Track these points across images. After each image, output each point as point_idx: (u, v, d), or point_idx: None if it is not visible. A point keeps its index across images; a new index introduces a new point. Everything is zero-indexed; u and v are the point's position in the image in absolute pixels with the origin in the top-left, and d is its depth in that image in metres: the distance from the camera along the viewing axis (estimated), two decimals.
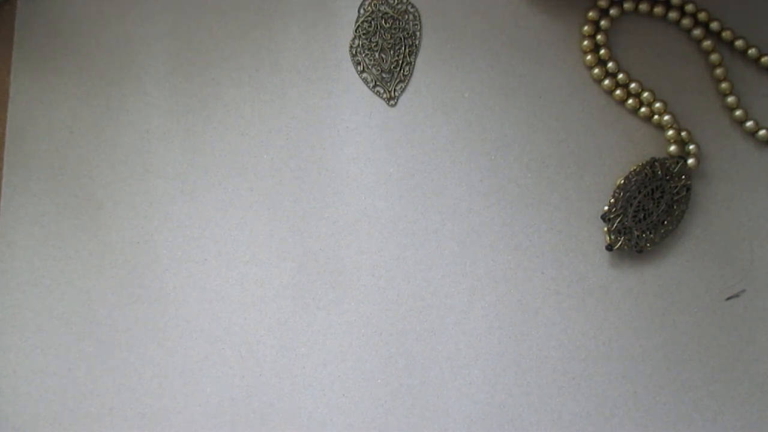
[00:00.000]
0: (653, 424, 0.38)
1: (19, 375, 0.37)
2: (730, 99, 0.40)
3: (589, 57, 0.40)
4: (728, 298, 0.39)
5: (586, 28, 0.40)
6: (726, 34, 0.40)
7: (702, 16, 0.40)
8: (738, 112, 0.39)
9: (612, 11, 0.40)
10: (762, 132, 0.39)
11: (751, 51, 0.40)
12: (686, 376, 0.38)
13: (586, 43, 0.40)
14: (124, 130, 0.39)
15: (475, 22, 0.40)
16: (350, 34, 0.40)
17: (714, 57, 0.40)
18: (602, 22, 0.40)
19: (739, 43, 0.40)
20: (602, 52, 0.40)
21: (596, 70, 0.40)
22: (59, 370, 0.34)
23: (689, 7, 0.40)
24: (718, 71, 0.40)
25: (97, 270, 0.38)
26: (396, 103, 0.40)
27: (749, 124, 0.39)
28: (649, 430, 0.38)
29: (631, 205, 0.38)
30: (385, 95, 0.40)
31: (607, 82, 0.40)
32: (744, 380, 0.38)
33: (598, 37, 0.40)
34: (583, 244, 0.39)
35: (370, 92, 0.40)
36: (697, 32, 0.40)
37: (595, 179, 0.39)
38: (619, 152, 0.40)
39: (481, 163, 0.39)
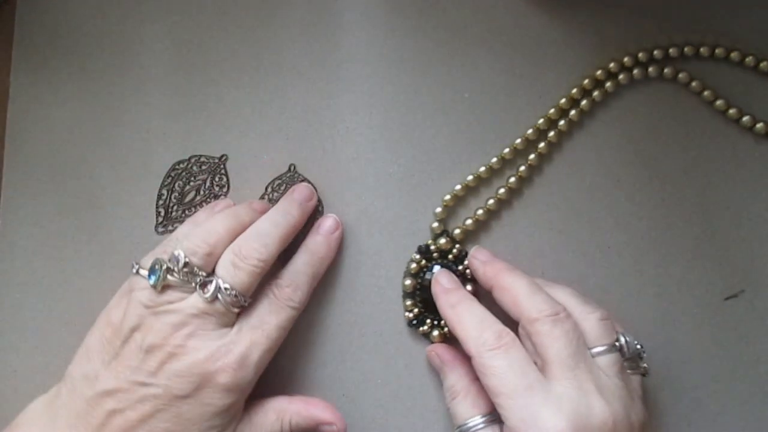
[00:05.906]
0: (653, 424, 0.38)
1: (19, 375, 0.37)
2: (719, 102, 0.39)
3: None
4: (728, 298, 0.39)
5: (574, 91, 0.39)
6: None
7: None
8: (732, 111, 0.39)
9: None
10: (759, 125, 0.39)
11: (748, 59, 0.40)
12: (686, 376, 0.38)
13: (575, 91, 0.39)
14: (124, 130, 0.39)
15: (475, 22, 0.40)
16: (350, 34, 0.40)
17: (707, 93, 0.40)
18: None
19: (734, 54, 0.40)
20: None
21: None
22: (59, 370, 0.34)
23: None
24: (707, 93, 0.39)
25: (97, 270, 0.38)
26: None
27: (746, 119, 0.39)
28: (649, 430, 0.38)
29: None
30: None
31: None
32: (744, 380, 0.38)
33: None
34: (584, 244, 0.39)
35: (370, 92, 0.40)
36: None
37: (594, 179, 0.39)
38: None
39: (481, 163, 0.39)
